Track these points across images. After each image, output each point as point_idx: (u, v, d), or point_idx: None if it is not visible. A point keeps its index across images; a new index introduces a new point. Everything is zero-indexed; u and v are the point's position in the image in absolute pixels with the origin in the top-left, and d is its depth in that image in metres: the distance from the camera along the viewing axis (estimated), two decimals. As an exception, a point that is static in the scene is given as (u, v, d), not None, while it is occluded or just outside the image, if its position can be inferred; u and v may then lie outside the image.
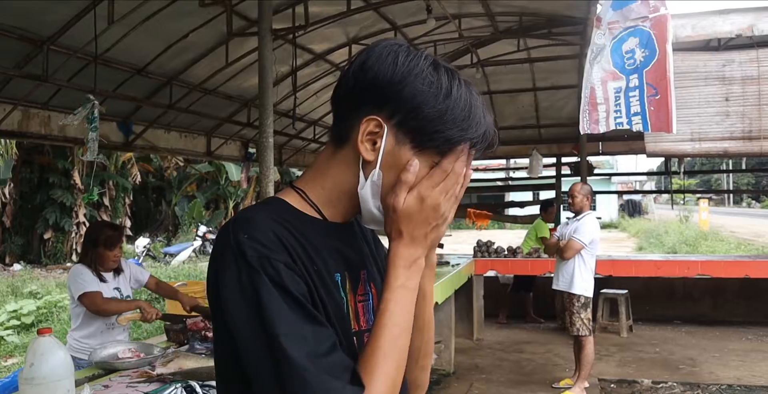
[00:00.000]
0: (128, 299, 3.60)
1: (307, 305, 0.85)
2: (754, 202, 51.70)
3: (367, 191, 0.92)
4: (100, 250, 3.45)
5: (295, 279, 0.85)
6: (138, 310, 3.39)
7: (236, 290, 0.85)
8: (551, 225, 8.16)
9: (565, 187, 7.76)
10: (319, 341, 0.83)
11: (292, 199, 0.97)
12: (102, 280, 3.47)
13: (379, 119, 0.90)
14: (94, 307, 3.34)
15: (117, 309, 3.38)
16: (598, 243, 5.32)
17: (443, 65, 0.93)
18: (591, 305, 5.24)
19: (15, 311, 8.60)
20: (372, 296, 1.03)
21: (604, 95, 4.20)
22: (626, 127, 4.23)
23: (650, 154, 5.63)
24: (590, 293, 5.20)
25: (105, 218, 16.57)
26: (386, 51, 0.91)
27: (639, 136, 6.15)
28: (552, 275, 5.67)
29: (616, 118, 4.16)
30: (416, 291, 0.92)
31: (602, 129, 4.33)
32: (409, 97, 0.89)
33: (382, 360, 0.86)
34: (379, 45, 0.93)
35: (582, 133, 4.51)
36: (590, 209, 5.31)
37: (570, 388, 5.30)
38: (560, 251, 5.26)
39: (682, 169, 9.68)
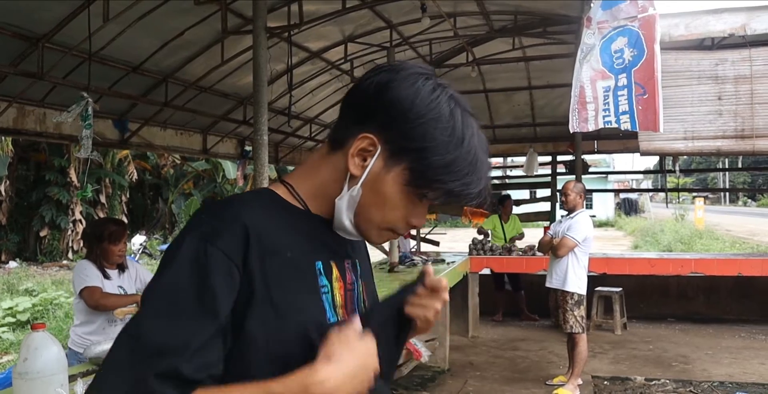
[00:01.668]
0: None
1: (219, 304, 0.83)
2: (750, 200, 51.84)
3: (344, 203, 0.93)
4: (104, 245, 3.49)
5: (228, 272, 0.84)
6: (135, 305, 3.41)
7: (167, 251, 0.89)
8: (547, 224, 8.21)
9: (560, 186, 7.80)
10: (194, 336, 0.82)
11: (281, 191, 0.99)
12: (106, 276, 3.50)
13: (375, 140, 0.89)
14: (93, 301, 3.36)
15: (115, 304, 3.40)
16: (592, 241, 5.36)
17: (461, 108, 0.91)
18: (584, 303, 5.27)
19: (11, 308, 8.61)
20: (357, 286, 1.04)
21: (593, 94, 4.24)
22: (614, 125, 4.27)
23: (644, 153, 5.65)
24: (583, 291, 5.23)
25: (101, 215, 16.57)
26: (413, 79, 0.90)
27: (633, 135, 6.17)
28: (545, 272, 5.70)
29: (604, 116, 4.20)
30: None
31: (591, 127, 4.36)
32: (418, 138, 0.88)
33: None
34: (409, 69, 0.92)
35: (572, 131, 4.54)
36: (584, 207, 5.34)
37: (563, 385, 5.33)
38: (554, 249, 5.28)
39: (677, 168, 9.72)
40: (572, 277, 5.19)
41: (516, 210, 9.44)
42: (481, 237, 8.13)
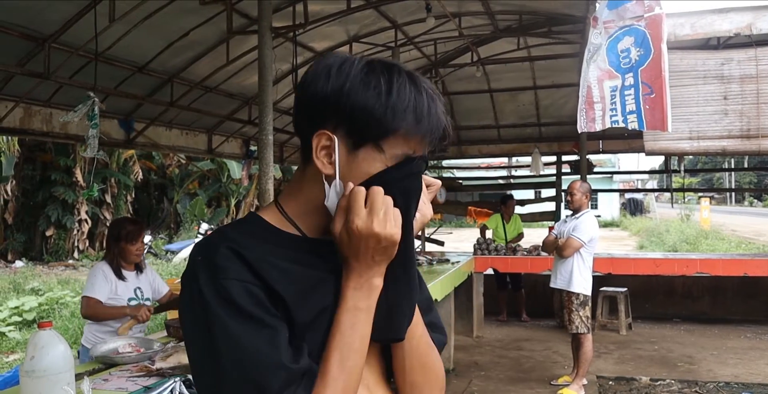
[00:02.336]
0: (148, 301, 3.66)
1: (263, 316, 0.86)
2: (756, 201, 51.60)
3: (333, 202, 0.93)
4: (122, 244, 3.53)
5: (249, 292, 0.86)
6: (131, 317, 3.43)
7: (189, 312, 0.90)
8: (552, 224, 8.20)
9: (565, 186, 7.79)
10: (278, 348, 0.85)
11: (271, 215, 0.99)
12: (121, 278, 3.53)
13: (327, 132, 0.91)
14: (85, 312, 3.44)
15: (105, 315, 3.44)
16: (597, 241, 5.34)
17: (380, 63, 0.93)
18: (589, 303, 5.26)
19: (17, 307, 8.64)
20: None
21: (600, 94, 4.24)
22: (622, 125, 4.27)
23: (649, 153, 5.64)
24: (589, 291, 5.22)
25: (107, 215, 16.64)
26: (321, 67, 0.93)
27: (639, 135, 6.17)
28: (550, 272, 5.69)
29: (611, 116, 4.20)
30: (370, 310, 0.92)
31: (598, 127, 4.36)
32: (348, 106, 0.90)
33: (331, 383, 0.88)
34: (316, 63, 0.95)
35: (579, 131, 4.53)
36: (589, 207, 5.33)
37: (568, 385, 5.32)
38: (559, 249, 5.27)
39: (683, 168, 9.69)
40: (577, 277, 5.18)
41: (521, 210, 9.42)
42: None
